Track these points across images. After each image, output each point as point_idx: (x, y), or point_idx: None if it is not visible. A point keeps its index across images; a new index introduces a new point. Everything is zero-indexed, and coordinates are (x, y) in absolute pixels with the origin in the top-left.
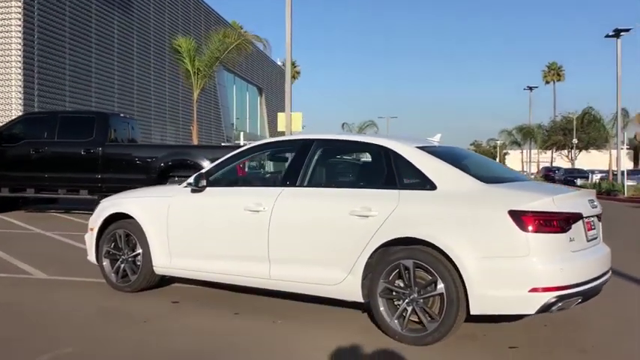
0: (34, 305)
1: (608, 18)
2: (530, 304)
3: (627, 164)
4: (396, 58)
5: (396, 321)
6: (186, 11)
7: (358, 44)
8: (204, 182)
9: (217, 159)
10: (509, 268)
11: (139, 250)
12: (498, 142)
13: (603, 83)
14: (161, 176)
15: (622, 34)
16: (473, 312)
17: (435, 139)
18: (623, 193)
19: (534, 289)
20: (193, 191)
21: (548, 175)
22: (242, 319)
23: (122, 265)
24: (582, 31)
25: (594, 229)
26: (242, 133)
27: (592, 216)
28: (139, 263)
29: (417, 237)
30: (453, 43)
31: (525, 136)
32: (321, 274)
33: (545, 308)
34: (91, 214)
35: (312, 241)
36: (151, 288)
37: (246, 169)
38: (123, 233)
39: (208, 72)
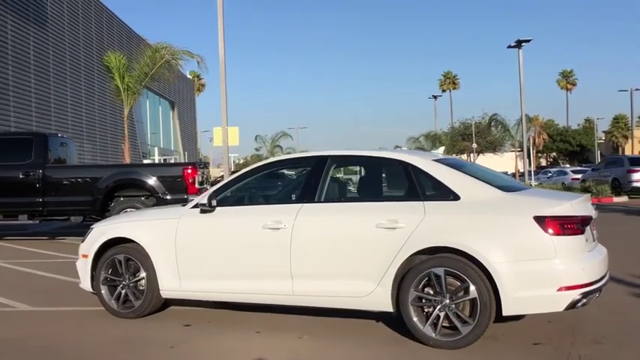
0: (48, 340)
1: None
2: (559, 302)
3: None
4: (304, 69)
5: (429, 327)
6: (99, 27)
7: (269, 58)
8: (214, 202)
9: (164, 177)
10: (538, 270)
11: (143, 275)
12: (404, 149)
13: (495, 91)
14: (107, 197)
15: (523, 44)
16: (505, 313)
17: (439, 152)
18: None
19: (562, 288)
20: (203, 212)
21: None
22: (266, 338)
23: (123, 291)
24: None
25: (594, 230)
26: (156, 149)
27: (594, 218)
28: (141, 288)
29: (448, 245)
30: (358, 53)
31: (433, 142)
32: (347, 287)
33: (572, 305)
34: (28, 239)
35: (337, 256)
36: (151, 313)
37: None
38: (123, 258)
39: (138, 88)
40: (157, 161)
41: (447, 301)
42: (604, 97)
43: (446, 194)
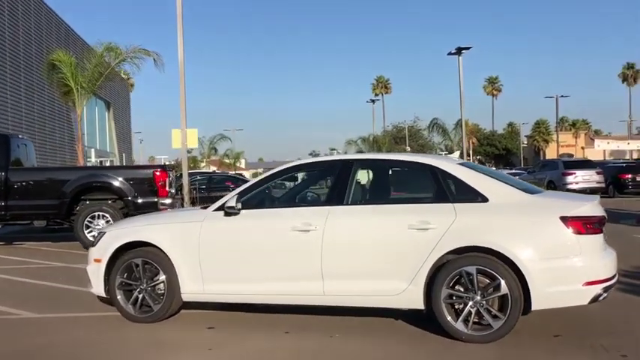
0: (77, 347)
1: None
2: (584, 296)
3: None
4: (240, 69)
5: (461, 323)
6: (38, 24)
7: (199, 59)
8: (240, 205)
9: (134, 180)
10: (565, 267)
11: (162, 278)
12: (334, 151)
13: (425, 96)
14: (74, 200)
15: (463, 51)
16: (534, 308)
17: (455, 156)
18: None
19: (587, 283)
20: (227, 214)
21: None
22: (297, 337)
23: (140, 296)
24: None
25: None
26: (93, 150)
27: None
28: (160, 292)
29: (481, 245)
30: (294, 55)
31: (370, 145)
32: (379, 287)
33: (595, 299)
34: None
35: (369, 256)
36: (166, 318)
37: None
38: (141, 262)
39: (93, 88)
40: (94, 163)
41: (478, 297)
42: (526, 103)
43: (474, 196)
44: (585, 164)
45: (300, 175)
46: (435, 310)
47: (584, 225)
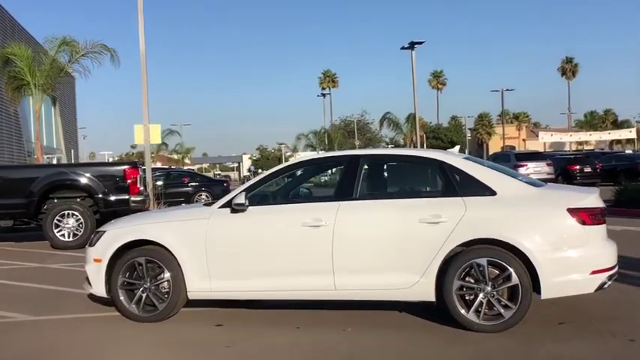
0: (90, 348)
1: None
2: (591, 284)
3: None
4: (184, 66)
5: (472, 314)
6: None
7: (155, 54)
8: (247, 202)
9: (104, 177)
10: (573, 256)
11: (167, 277)
12: (282, 145)
13: (372, 90)
14: (42, 199)
15: (416, 46)
16: (544, 297)
17: (455, 151)
18: None
19: (593, 272)
20: (234, 211)
21: None
22: (311, 332)
23: (144, 295)
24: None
25: None
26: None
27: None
28: (164, 290)
29: (492, 237)
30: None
31: (322, 139)
32: (391, 280)
33: (601, 286)
34: None
35: (381, 250)
36: (171, 316)
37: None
38: (144, 261)
39: (52, 83)
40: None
41: (489, 288)
42: (470, 97)
43: (482, 190)
44: (536, 156)
45: (305, 171)
46: (447, 301)
47: (590, 216)
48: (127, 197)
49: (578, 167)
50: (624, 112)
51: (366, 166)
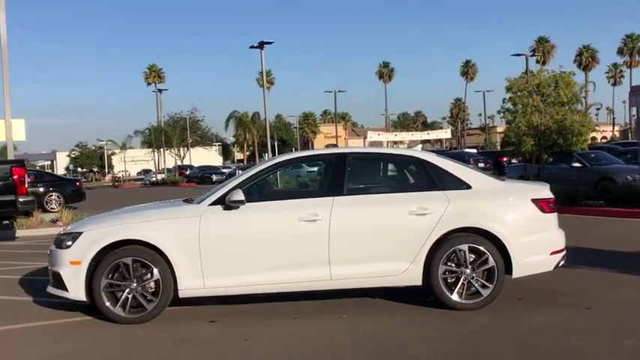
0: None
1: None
2: (550, 264)
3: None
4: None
5: (456, 294)
6: None
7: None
8: (245, 199)
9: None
10: (537, 240)
11: (156, 276)
12: (103, 142)
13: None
14: None
15: (265, 45)
16: (515, 276)
17: (417, 149)
18: None
19: (553, 253)
20: (227, 208)
21: (182, 172)
22: (309, 321)
23: (129, 296)
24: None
25: None
26: None
27: None
28: (151, 290)
29: (472, 226)
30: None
31: (159, 135)
32: (384, 268)
33: (557, 265)
34: None
35: (374, 241)
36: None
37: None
38: (130, 261)
39: None
40: None
41: (469, 271)
42: (297, 95)
43: (460, 184)
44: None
45: (294, 168)
46: (434, 285)
47: (548, 205)
48: (13, 198)
49: (506, 159)
50: (433, 114)
51: (353, 164)
